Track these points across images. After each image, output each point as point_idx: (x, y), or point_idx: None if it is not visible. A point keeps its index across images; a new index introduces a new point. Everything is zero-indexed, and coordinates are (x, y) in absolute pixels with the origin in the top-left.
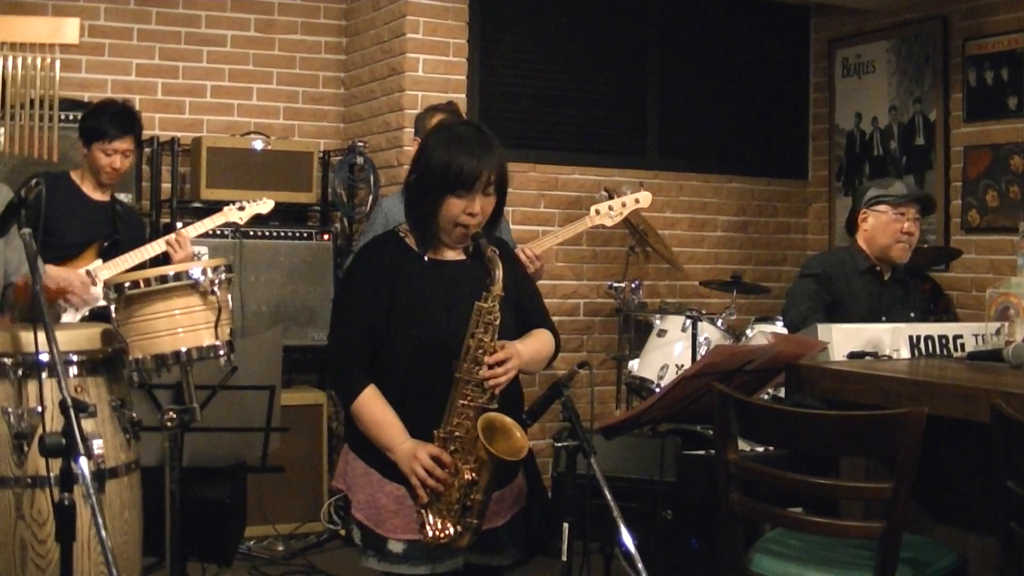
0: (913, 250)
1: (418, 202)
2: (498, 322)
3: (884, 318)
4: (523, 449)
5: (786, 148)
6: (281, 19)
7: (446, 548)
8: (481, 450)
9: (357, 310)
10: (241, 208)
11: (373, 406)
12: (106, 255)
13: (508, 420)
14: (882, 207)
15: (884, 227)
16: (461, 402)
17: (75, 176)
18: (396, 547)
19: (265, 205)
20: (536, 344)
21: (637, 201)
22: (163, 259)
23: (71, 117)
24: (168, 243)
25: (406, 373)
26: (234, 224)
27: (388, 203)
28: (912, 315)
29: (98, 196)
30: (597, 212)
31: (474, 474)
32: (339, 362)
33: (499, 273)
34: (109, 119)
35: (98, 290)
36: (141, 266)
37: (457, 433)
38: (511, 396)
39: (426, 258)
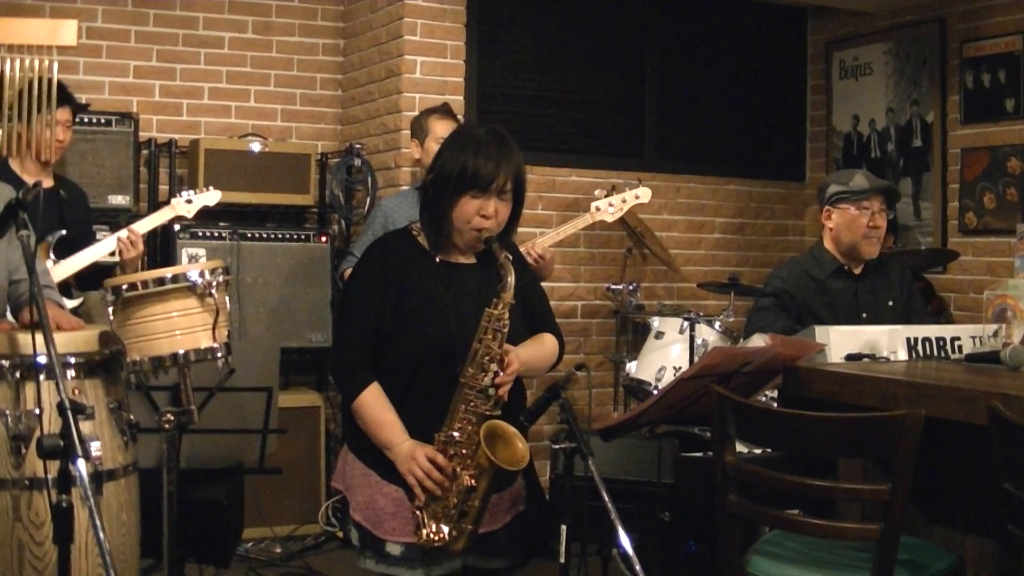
0: (910, 252)
1: (433, 202)
2: (507, 329)
3: (865, 315)
4: (524, 458)
5: (783, 150)
6: (279, 21)
7: (442, 551)
8: (482, 457)
9: (364, 307)
10: (188, 201)
11: (375, 404)
12: (56, 253)
13: (511, 429)
14: (844, 204)
15: (849, 224)
16: (464, 407)
17: (14, 165)
18: (394, 549)
19: (212, 196)
20: (538, 350)
21: (637, 197)
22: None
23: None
24: (120, 241)
25: (409, 373)
26: (183, 217)
27: (388, 204)
28: (890, 303)
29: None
30: (597, 208)
31: (473, 480)
32: (343, 358)
33: (511, 280)
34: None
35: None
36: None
37: (458, 438)
38: (514, 397)
39: (437, 259)
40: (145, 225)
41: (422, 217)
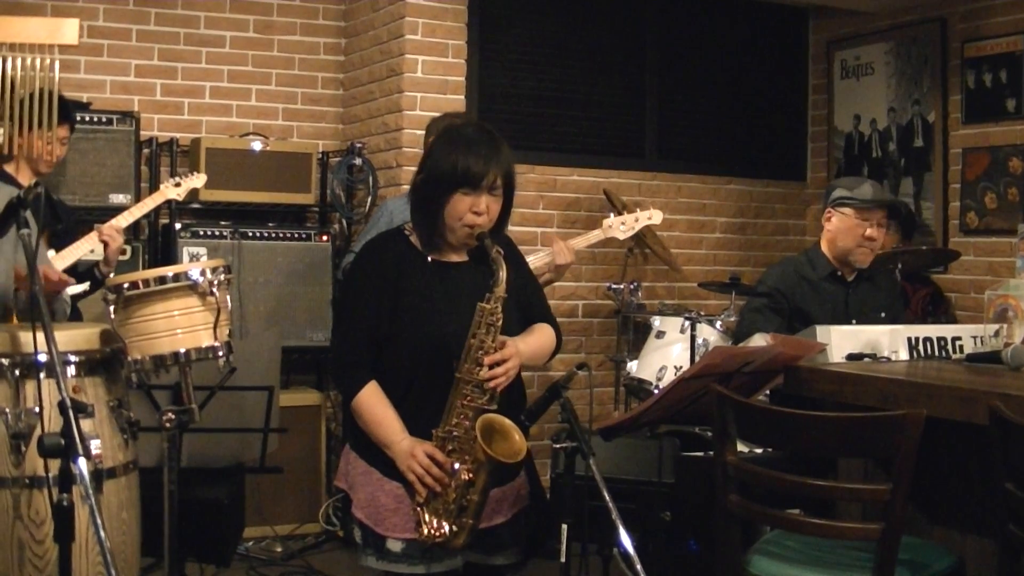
0: (911, 251)
1: (425, 201)
2: (500, 323)
3: (854, 322)
4: (521, 451)
5: (784, 150)
6: (280, 20)
7: (443, 547)
8: (479, 451)
9: (360, 307)
10: (177, 184)
11: (374, 403)
12: (55, 244)
13: (507, 422)
14: (847, 209)
15: (847, 230)
16: (461, 402)
17: (9, 168)
18: (395, 546)
19: (199, 179)
20: (536, 340)
21: (650, 218)
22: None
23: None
24: (101, 234)
25: (406, 372)
26: (173, 201)
27: (393, 204)
28: (882, 315)
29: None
30: (610, 226)
31: (471, 475)
32: (342, 358)
33: (503, 274)
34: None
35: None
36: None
37: (456, 433)
38: (513, 396)
39: (429, 259)
40: (139, 210)
41: (413, 217)
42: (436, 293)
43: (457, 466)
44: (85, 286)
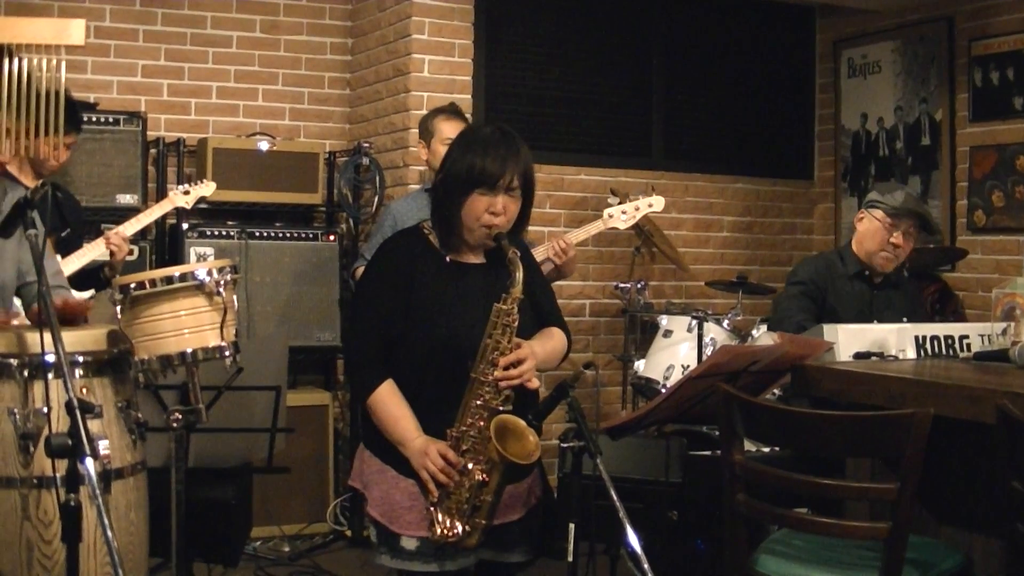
0: (918, 251)
1: (443, 202)
2: (516, 324)
3: (876, 322)
4: (535, 453)
5: (791, 149)
6: (286, 20)
7: (455, 547)
8: (493, 452)
9: (375, 305)
10: (186, 192)
11: (389, 401)
12: (62, 249)
13: (521, 423)
14: (877, 212)
15: (874, 233)
16: (475, 402)
17: (12, 169)
18: (409, 544)
19: (208, 188)
20: (550, 343)
21: (651, 205)
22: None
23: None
24: (109, 242)
25: (420, 371)
26: (182, 208)
27: (397, 206)
28: (904, 319)
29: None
30: (610, 215)
31: (485, 475)
32: (357, 356)
33: (520, 275)
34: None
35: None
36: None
37: (470, 433)
38: (525, 395)
39: (447, 259)
40: (147, 217)
41: (433, 217)
42: (449, 293)
43: (471, 466)
44: (89, 293)
